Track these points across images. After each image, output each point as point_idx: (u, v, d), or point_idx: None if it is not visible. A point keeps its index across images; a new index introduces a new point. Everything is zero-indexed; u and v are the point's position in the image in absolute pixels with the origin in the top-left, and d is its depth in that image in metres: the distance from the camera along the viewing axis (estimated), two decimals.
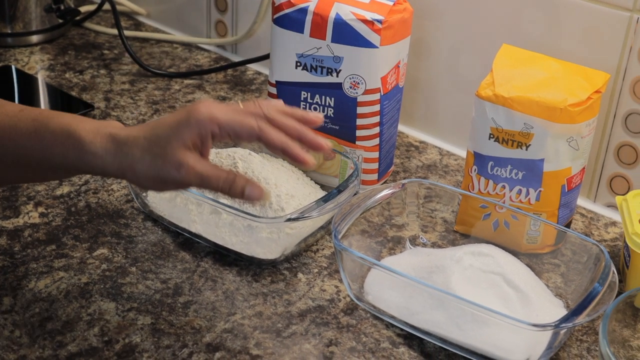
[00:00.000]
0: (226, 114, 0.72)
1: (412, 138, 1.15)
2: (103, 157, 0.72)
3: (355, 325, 0.82)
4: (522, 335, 0.74)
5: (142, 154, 0.71)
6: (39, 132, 0.74)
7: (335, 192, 0.87)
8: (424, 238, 0.93)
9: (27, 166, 0.76)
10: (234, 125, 0.72)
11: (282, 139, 0.73)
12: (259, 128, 0.72)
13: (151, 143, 0.71)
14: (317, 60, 0.96)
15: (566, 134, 0.87)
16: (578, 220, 1.00)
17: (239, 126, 0.72)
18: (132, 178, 0.73)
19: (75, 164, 0.74)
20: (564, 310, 0.82)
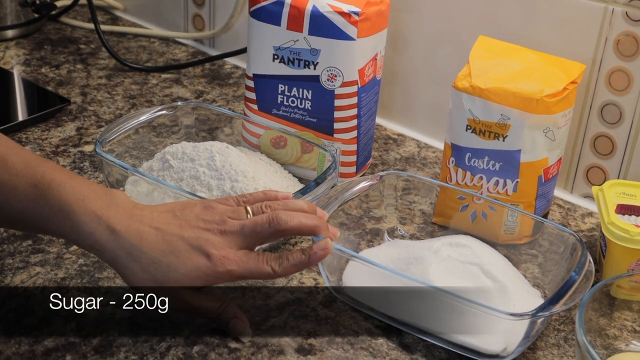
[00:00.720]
0: (243, 268, 0.72)
1: (391, 131, 1.16)
2: (101, 251, 0.72)
3: (334, 317, 0.82)
4: (499, 325, 0.74)
5: (142, 272, 0.71)
6: (38, 203, 0.71)
7: (313, 185, 0.87)
8: (402, 230, 0.93)
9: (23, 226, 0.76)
10: (248, 277, 0.73)
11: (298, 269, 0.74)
12: (274, 271, 0.73)
13: (156, 268, 0.71)
14: (294, 53, 0.96)
15: (543, 124, 0.87)
16: (555, 211, 1.00)
17: (255, 276, 0.73)
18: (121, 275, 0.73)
19: (72, 241, 0.74)
20: (541, 300, 0.83)
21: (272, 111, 1.00)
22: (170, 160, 0.89)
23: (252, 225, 0.73)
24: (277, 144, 1.00)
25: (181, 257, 0.71)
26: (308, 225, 0.74)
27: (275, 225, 0.73)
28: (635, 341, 0.80)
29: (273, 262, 0.73)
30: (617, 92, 0.96)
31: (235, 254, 0.72)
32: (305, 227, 0.74)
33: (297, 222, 0.74)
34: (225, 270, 0.71)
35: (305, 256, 0.74)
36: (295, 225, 0.74)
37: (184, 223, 0.73)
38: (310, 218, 0.75)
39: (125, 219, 0.71)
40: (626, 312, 0.83)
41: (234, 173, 0.87)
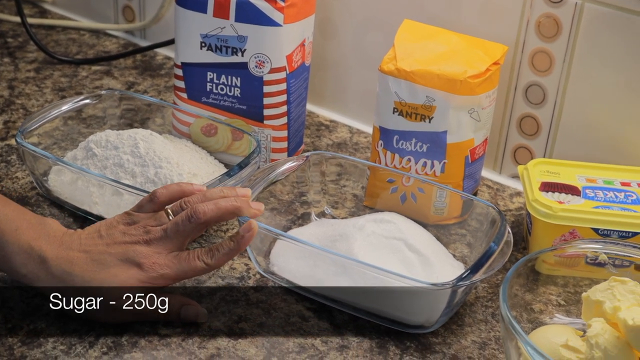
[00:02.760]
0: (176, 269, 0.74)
1: (323, 117, 1.16)
2: (32, 280, 0.73)
3: (265, 301, 0.82)
4: (422, 296, 0.75)
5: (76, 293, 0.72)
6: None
7: (236, 169, 0.87)
8: (328, 209, 0.93)
9: None
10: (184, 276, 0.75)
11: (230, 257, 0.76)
12: (207, 265, 0.75)
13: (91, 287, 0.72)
14: (221, 40, 0.96)
15: (467, 105, 0.89)
16: (484, 191, 1.02)
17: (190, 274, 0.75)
18: None
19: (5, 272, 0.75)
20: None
21: (202, 99, 1.00)
22: (94, 149, 0.89)
23: (174, 226, 0.75)
24: (207, 132, 1.00)
25: (112, 272, 0.73)
26: (228, 209, 0.75)
27: (195, 219, 0.74)
28: (558, 314, 0.82)
29: (204, 256, 0.75)
30: (540, 73, 0.98)
31: (165, 257, 0.74)
32: (225, 212, 0.75)
33: (216, 209, 0.75)
34: (159, 275, 0.73)
35: (234, 242, 0.75)
36: (214, 213, 0.75)
37: (109, 241, 0.74)
38: (229, 200, 0.76)
39: (56, 248, 0.73)
40: (551, 287, 0.85)
41: (157, 160, 0.87)
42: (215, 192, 0.77)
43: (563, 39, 0.95)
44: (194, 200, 0.76)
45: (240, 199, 0.76)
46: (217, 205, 0.75)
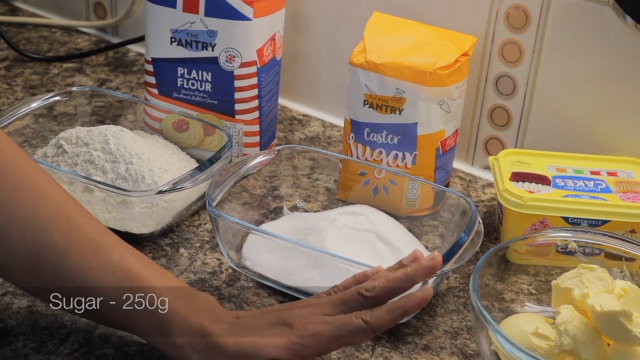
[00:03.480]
0: (329, 327, 0.66)
1: (296, 112, 1.16)
2: (187, 352, 0.67)
3: (238, 295, 0.82)
4: None
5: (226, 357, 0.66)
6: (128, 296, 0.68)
7: (207, 163, 0.87)
8: (301, 203, 0.93)
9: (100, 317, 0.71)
10: (341, 339, 0.66)
11: (394, 316, 0.66)
12: (366, 323, 0.66)
13: (239, 351, 0.66)
14: (191, 35, 0.96)
15: (437, 97, 0.89)
16: (457, 183, 1.02)
17: (347, 335, 0.66)
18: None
19: (150, 341, 0.70)
20: None
21: (173, 95, 1.00)
22: (65, 146, 0.88)
23: (341, 297, 0.68)
24: (179, 127, 1.00)
25: (262, 333, 0.66)
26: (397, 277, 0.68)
27: (363, 292, 0.67)
28: (529, 303, 0.83)
29: (364, 314, 0.66)
30: (510, 64, 0.98)
31: (320, 318, 0.67)
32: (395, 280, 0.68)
33: (385, 281, 0.68)
34: (310, 334, 0.65)
35: (400, 301, 0.67)
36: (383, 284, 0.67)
37: (267, 310, 0.70)
38: (398, 271, 0.69)
39: (213, 319, 0.68)
40: (522, 276, 0.85)
41: (128, 155, 0.86)
42: (383, 272, 0.70)
43: (532, 30, 0.95)
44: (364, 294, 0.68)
45: (412, 266, 0.69)
46: (387, 278, 0.68)
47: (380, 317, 0.66)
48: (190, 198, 0.89)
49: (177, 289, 0.70)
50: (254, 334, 0.67)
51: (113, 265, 0.68)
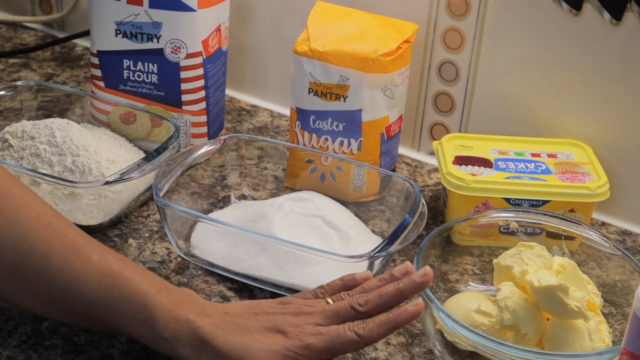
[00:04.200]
0: (323, 339, 0.66)
1: (244, 103, 1.17)
2: (173, 344, 0.67)
3: (187, 283, 0.83)
4: (340, 269, 0.76)
5: (216, 357, 0.66)
6: (111, 293, 0.68)
7: (154, 154, 0.88)
8: (248, 191, 0.94)
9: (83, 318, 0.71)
10: (333, 350, 0.67)
11: (386, 329, 0.67)
12: (358, 336, 0.66)
13: (230, 350, 0.66)
14: (136, 27, 0.96)
15: (380, 83, 0.91)
16: (404, 169, 1.04)
17: (339, 347, 0.67)
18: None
19: (136, 336, 0.69)
20: None
21: (119, 87, 1.00)
22: (10, 140, 0.88)
23: (334, 309, 0.69)
24: (126, 119, 1.00)
25: (255, 337, 0.67)
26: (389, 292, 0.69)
27: (356, 307, 0.68)
28: (473, 282, 0.85)
29: (356, 326, 0.67)
30: (452, 51, 1.00)
31: (313, 328, 0.67)
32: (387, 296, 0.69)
33: (378, 297, 0.69)
34: (305, 345, 0.66)
35: (392, 315, 0.68)
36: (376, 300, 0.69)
37: (257, 311, 0.70)
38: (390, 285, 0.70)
39: (203, 315, 0.68)
40: (467, 257, 0.87)
41: (75, 148, 0.86)
42: (374, 282, 0.71)
43: (472, 17, 0.97)
44: (354, 293, 0.71)
45: (404, 281, 0.70)
46: (379, 292, 0.69)
47: (372, 330, 0.67)
48: (138, 189, 0.90)
49: (159, 282, 0.71)
50: (246, 336, 0.67)
51: (94, 265, 0.69)
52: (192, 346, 0.67)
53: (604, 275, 0.82)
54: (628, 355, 0.64)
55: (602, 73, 0.92)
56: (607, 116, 0.94)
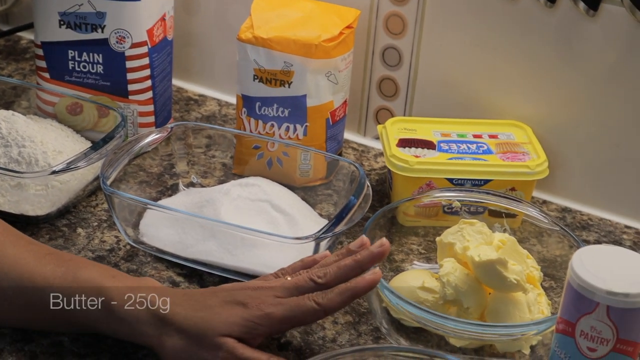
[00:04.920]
0: (282, 309, 0.67)
1: (192, 92, 1.17)
2: (132, 325, 0.68)
3: (136, 270, 0.84)
4: (288, 252, 0.78)
5: (177, 334, 0.67)
6: (65, 280, 0.69)
7: (101, 143, 0.88)
8: (196, 178, 0.95)
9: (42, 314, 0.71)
10: (293, 320, 0.68)
11: (345, 297, 0.68)
12: (318, 305, 0.68)
13: (191, 324, 0.67)
14: (80, 17, 0.96)
15: (324, 69, 0.92)
16: (350, 153, 1.06)
17: (299, 317, 0.68)
18: (157, 352, 0.69)
19: (96, 324, 0.70)
20: None
21: (65, 78, 1.00)
22: None
23: (293, 283, 0.70)
24: (73, 110, 1.00)
25: (215, 310, 0.68)
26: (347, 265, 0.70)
27: (315, 279, 0.69)
28: (418, 262, 0.86)
29: (316, 296, 0.68)
30: (394, 36, 1.02)
31: (273, 299, 0.68)
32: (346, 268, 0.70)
33: (336, 268, 0.70)
34: (264, 314, 0.67)
35: (350, 283, 0.69)
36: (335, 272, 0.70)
37: (217, 289, 0.71)
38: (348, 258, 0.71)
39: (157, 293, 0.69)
40: (412, 237, 0.89)
41: (20, 139, 0.87)
42: (332, 257, 0.72)
43: (413, 3, 0.99)
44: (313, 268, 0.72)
45: (361, 252, 0.71)
46: (338, 265, 0.70)
47: (332, 299, 0.68)
48: (85, 178, 0.90)
49: (114, 270, 0.72)
50: (205, 310, 0.68)
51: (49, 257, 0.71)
52: (151, 325, 0.68)
53: (544, 251, 0.84)
54: (563, 323, 0.66)
55: (539, 55, 0.95)
56: (545, 97, 0.97)
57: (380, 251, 0.71)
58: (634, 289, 0.63)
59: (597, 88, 0.93)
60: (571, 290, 0.65)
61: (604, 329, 0.64)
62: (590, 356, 0.65)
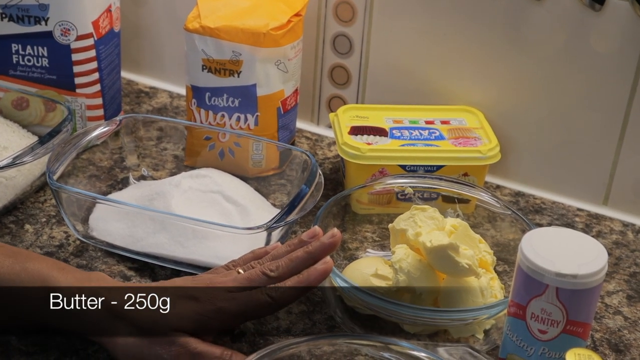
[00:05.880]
0: (236, 303, 0.67)
1: (142, 85, 1.16)
2: (80, 317, 0.66)
3: (86, 265, 0.82)
4: (240, 242, 0.77)
5: (129, 328, 0.67)
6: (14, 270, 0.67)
7: (47, 137, 0.87)
8: (147, 171, 0.94)
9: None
10: (246, 314, 0.69)
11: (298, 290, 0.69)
12: (271, 299, 0.68)
13: (143, 318, 0.66)
14: (22, 10, 0.94)
15: (273, 57, 0.91)
16: (304, 143, 1.05)
17: (253, 311, 0.68)
18: (109, 347, 0.68)
19: (43, 317, 0.68)
20: None
21: (9, 72, 0.98)
22: None
23: (246, 276, 0.69)
24: (18, 105, 0.98)
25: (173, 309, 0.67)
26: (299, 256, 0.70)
27: (267, 272, 0.69)
28: (372, 249, 0.86)
29: (270, 290, 0.68)
30: (344, 24, 1.01)
31: (225, 294, 0.68)
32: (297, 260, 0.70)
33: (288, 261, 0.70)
34: (216, 308, 0.67)
35: (302, 275, 0.69)
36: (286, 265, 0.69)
37: (167, 283, 0.70)
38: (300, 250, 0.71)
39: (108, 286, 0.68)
40: (367, 225, 0.89)
41: None
42: (283, 248, 0.72)
43: None
44: (265, 260, 0.71)
45: (313, 244, 0.71)
46: (289, 257, 0.70)
47: (285, 292, 0.68)
48: (32, 174, 0.88)
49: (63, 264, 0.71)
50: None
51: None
52: (102, 319, 0.67)
53: (498, 235, 0.85)
54: (515, 306, 0.66)
55: (489, 40, 0.95)
56: (496, 82, 0.97)
57: (332, 242, 0.71)
58: (582, 270, 0.63)
59: (547, 72, 0.93)
60: (521, 273, 0.65)
61: (554, 310, 0.64)
62: (541, 338, 0.65)
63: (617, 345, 0.77)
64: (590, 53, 0.90)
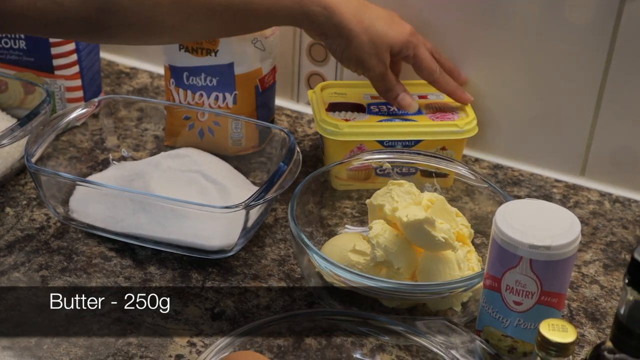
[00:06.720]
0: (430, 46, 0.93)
1: (122, 66, 1.16)
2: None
3: (67, 247, 0.83)
4: (218, 221, 0.78)
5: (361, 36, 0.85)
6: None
7: (26, 119, 0.87)
8: (127, 152, 0.94)
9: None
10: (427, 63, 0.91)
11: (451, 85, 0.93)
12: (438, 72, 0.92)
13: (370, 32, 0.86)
14: None
15: (249, 35, 0.91)
16: (284, 120, 1.05)
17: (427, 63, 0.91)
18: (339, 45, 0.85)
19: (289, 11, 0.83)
20: None
21: None
22: None
23: None
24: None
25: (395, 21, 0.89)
26: None
27: None
28: (351, 225, 0.87)
29: None
30: None
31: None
32: None
33: None
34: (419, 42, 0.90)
35: None
36: None
37: None
38: None
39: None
40: (346, 201, 0.89)
41: None
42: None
43: None
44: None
45: None
46: None
47: None
48: (12, 157, 0.89)
49: None
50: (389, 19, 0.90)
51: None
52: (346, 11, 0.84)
53: (476, 208, 0.85)
54: (490, 279, 0.67)
55: (465, 13, 0.95)
56: (472, 55, 0.97)
57: None
58: (555, 241, 0.64)
59: (522, 44, 0.93)
60: (496, 245, 0.66)
61: (528, 282, 0.65)
62: (516, 310, 0.66)
63: (593, 314, 0.78)
64: (565, 24, 0.90)
